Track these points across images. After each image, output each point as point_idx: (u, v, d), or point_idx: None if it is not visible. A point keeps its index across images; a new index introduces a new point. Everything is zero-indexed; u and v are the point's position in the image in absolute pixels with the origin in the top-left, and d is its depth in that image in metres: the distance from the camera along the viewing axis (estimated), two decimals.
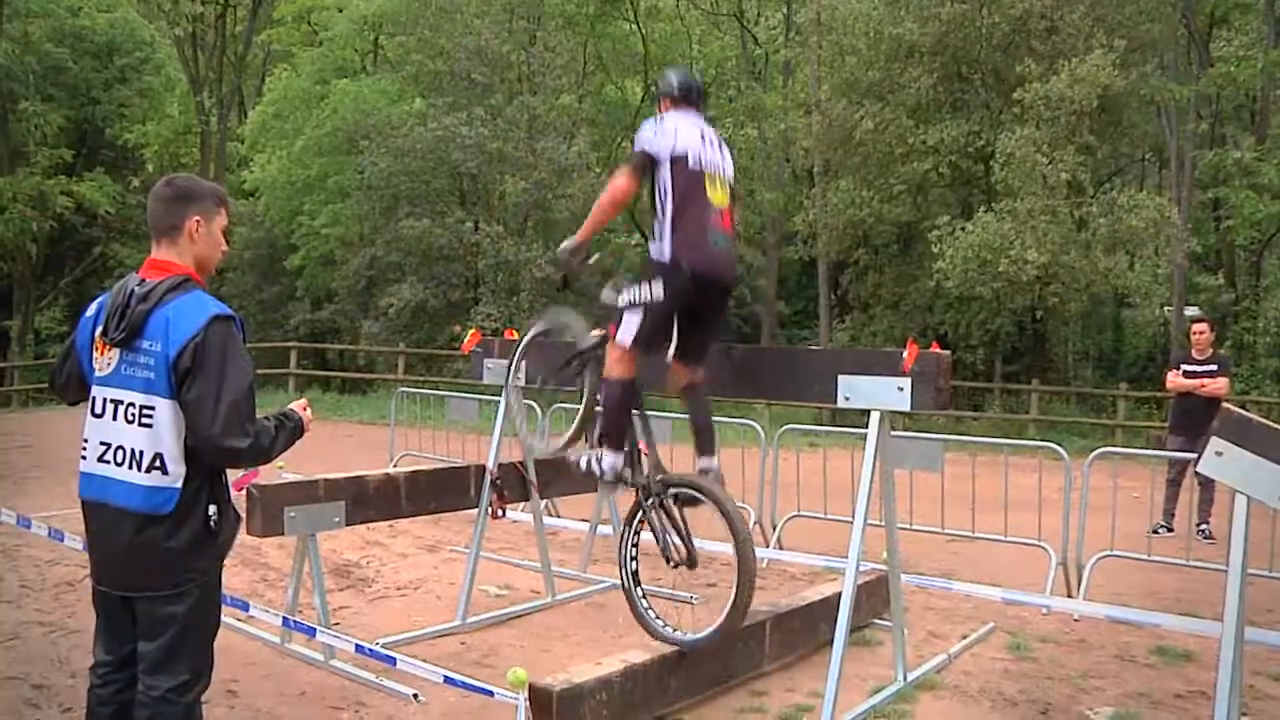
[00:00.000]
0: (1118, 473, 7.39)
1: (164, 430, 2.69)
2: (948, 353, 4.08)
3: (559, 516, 8.60)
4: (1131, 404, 18.84)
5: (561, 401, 10.19)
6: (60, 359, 3.00)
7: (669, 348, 4.00)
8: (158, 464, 2.69)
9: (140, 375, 2.71)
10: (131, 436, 2.71)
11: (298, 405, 2.99)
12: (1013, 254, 16.57)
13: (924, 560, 7.38)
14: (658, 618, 4.15)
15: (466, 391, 15.68)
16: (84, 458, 2.81)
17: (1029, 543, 6.86)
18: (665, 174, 3.87)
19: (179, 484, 2.70)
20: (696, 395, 4.16)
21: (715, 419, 4.27)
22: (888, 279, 21.34)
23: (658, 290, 3.88)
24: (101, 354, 2.79)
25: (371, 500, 4.87)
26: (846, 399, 4.07)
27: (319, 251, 24.90)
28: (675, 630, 4.11)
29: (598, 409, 4.09)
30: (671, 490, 4.10)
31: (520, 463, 5.65)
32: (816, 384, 4.21)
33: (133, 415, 2.71)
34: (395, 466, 10.35)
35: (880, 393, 4.01)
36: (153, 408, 2.69)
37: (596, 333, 4.36)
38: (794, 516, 7.87)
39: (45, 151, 25.63)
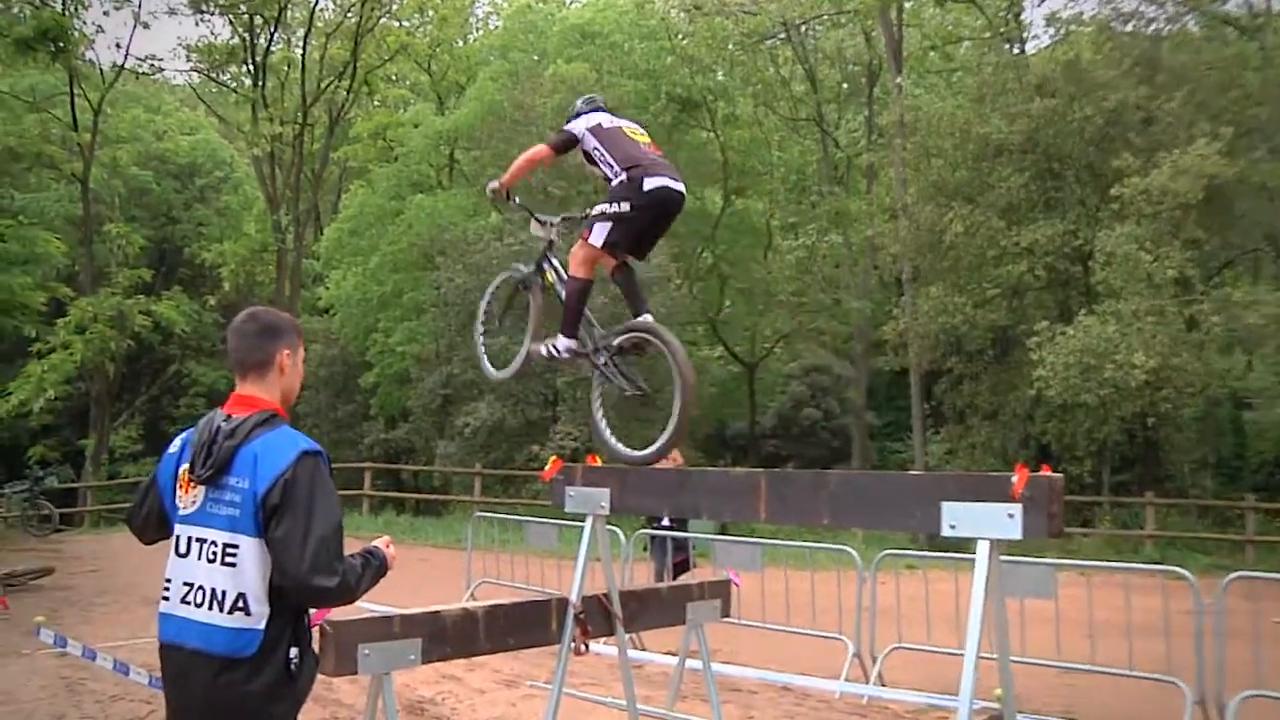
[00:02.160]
0: (1258, 596, 7.00)
1: (248, 569, 2.71)
2: (1060, 475, 3.96)
3: (644, 650, 8.45)
4: (1262, 516, 18.01)
5: (642, 526, 10.14)
6: (139, 498, 3.03)
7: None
8: (240, 604, 2.70)
9: (225, 513, 2.74)
10: (214, 576, 2.73)
11: (381, 542, 3.01)
12: (1119, 358, 16.19)
13: (1039, 696, 7.04)
14: (615, 440, 5.01)
15: (545, 513, 15.73)
16: (166, 598, 2.82)
17: (1158, 678, 6.51)
18: (591, 140, 4.79)
19: (262, 625, 2.70)
20: (630, 274, 5.06)
21: (806, 543, 4.60)
22: (984, 388, 20.99)
23: (623, 205, 4.65)
24: (186, 492, 2.82)
25: (449, 637, 4.81)
26: (952, 528, 3.96)
27: (394, 369, 25.45)
28: (626, 448, 4.93)
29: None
30: (617, 341, 4.90)
31: (605, 595, 5.57)
32: (918, 511, 4.11)
33: (214, 554, 2.73)
34: (473, 595, 10.34)
35: (988, 521, 3.90)
36: (237, 546, 2.72)
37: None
38: (896, 648, 7.61)
39: (126, 271, 26.85)
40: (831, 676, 7.53)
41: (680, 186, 4.76)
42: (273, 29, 28.10)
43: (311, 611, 2.97)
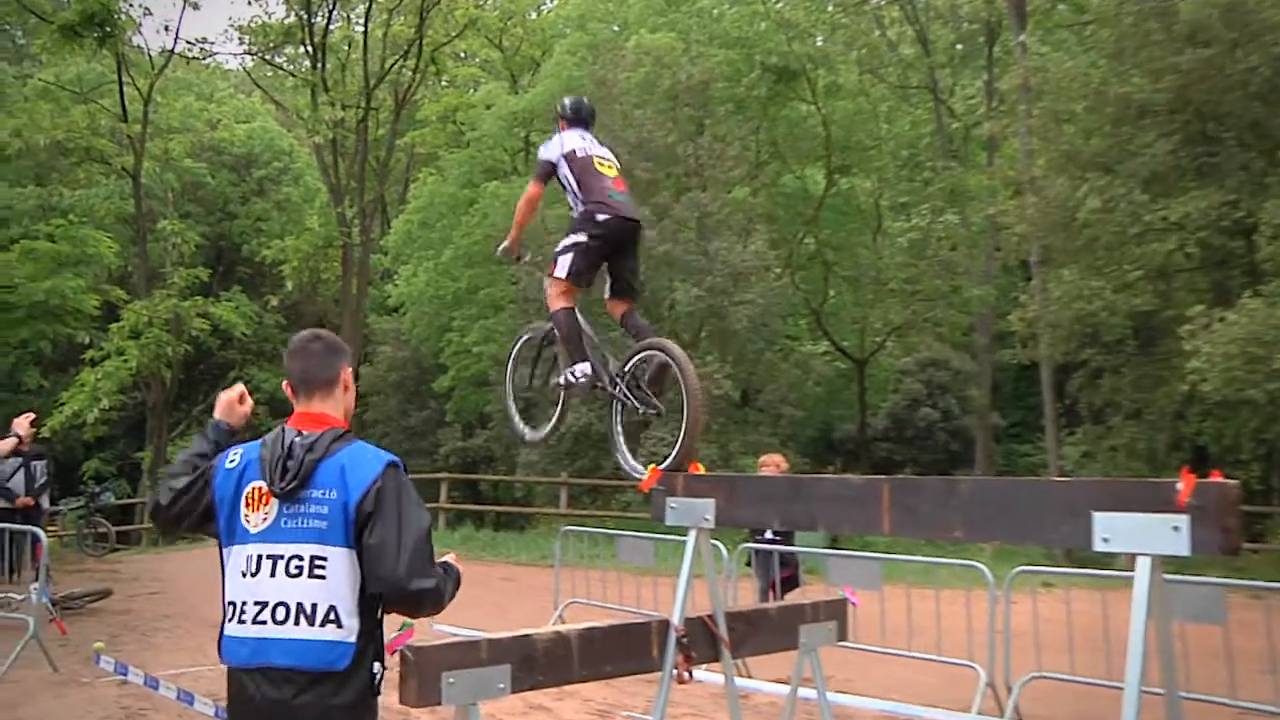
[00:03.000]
0: None
1: (338, 581, 2.94)
2: (1233, 483, 3.81)
3: (751, 678, 8.41)
4: None
5: (744, 540, 10.09)
6: (185, 485, 3.17)
7: (606, 287, 5.69)
8: (332, 617, 2.93)
9: (310, 526, 2.96)
10: (299, 591, 2.94)
11: (450, 558, 3.20)
12: None
13: None
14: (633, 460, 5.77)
15: (635, 526, 15.78)
16: (240, 620, 2.99)
17: None
18: (564, 168, 5.50)
19: (353, 638, 2.94)
20: (633, 314, 5.71)
21: (929, 558, 4.62)
22: (1126, 383, 20.42)
23: (580, 235, 5.40)
24: (255, 509, 3.02)
25: (540, 663, 4.83)
26: (1105, 541, 3.84)
27: (470, 371, 25.83)
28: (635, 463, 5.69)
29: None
30: (630, 364, 5.58)
31: (709, 616, 5.55)
32: (1065, 523, 3.99)
33: (299, 568, 2.94)
34: (561, 617, 10.41)
35: (1149, 534, 3.77)
36: (325, 558, 2.94)
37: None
38: (1035, 677, 7.44)
39: (181, 271, 27.68)
40: (961, 709, 7.39)
41: (634, 215, 5.57)
42: (331, 6, 28.72)
43: (392, 636, 3.21)
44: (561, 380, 5.86)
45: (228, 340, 29.62)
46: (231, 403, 3.50)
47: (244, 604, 2.98)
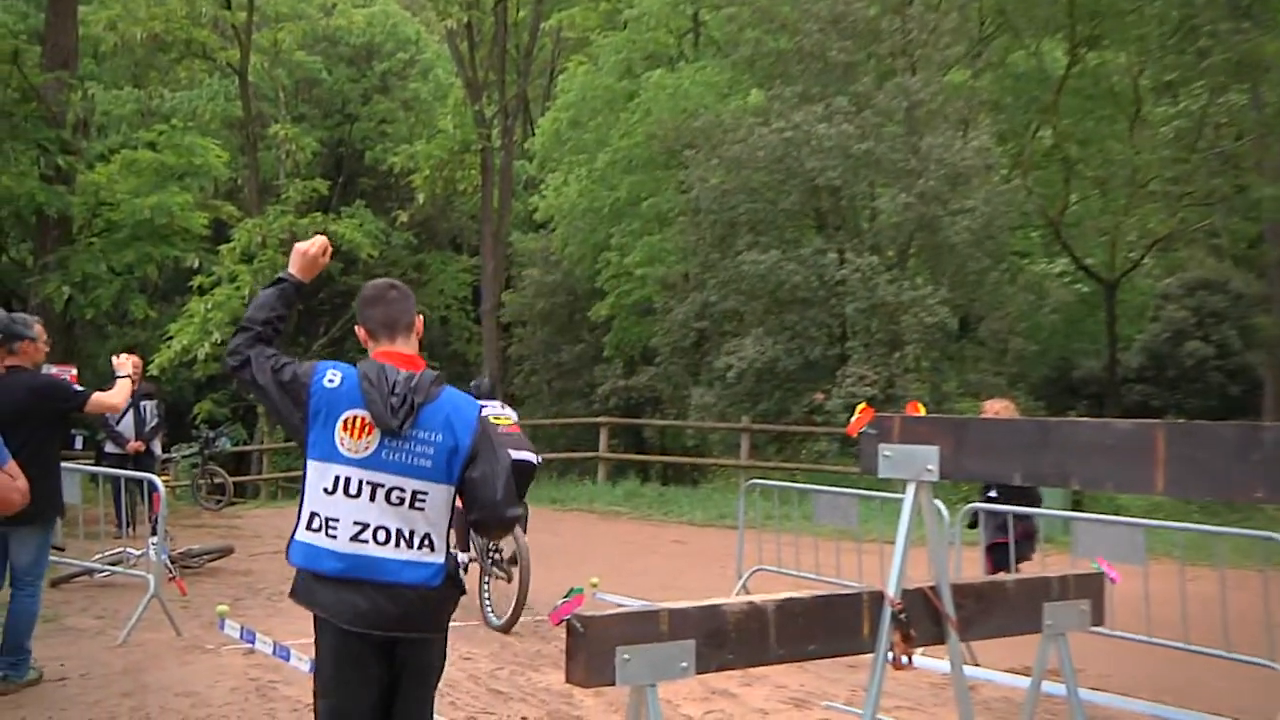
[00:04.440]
0: None
1: (435, 512, 4.08)
2: None
3: (978, 665, 8.33)
4: None
5: (965, 498, 9.93)
6: (274, 370, 4.17)
7: None
8: (427, 542, 4.06)
9: (415, 463, 4.03)
10: (400, 518, 4.02)
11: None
12: None
13: None
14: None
15: (827, 480, 15.71)
16: (330, 534, 4.00)
17: None
18: None
19: (442, 559, 4.09)
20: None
21: (1209, 526, 4.45)
22: None
23: None
24: (356, 436, 4.03)
25: (730, 639, 4.84)
26: None
27: (632, 298, 26.10)
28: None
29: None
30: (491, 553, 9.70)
31: (933, 588, 5.48)
32: None
33: (400, 498, 4.02)
34: (745, 586, 10.48)
35: None
36: (426, 493, 4.05)
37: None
38: None
39: (297, 183, 28.39)
40: None
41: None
42: None
43: (558, 603, 3.71)
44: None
45: (351, 263, 30.26)
46: (315, 257, 4.65)
47: (337, 520, 3.98)
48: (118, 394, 8.09)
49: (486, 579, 9.87)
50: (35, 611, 7.54)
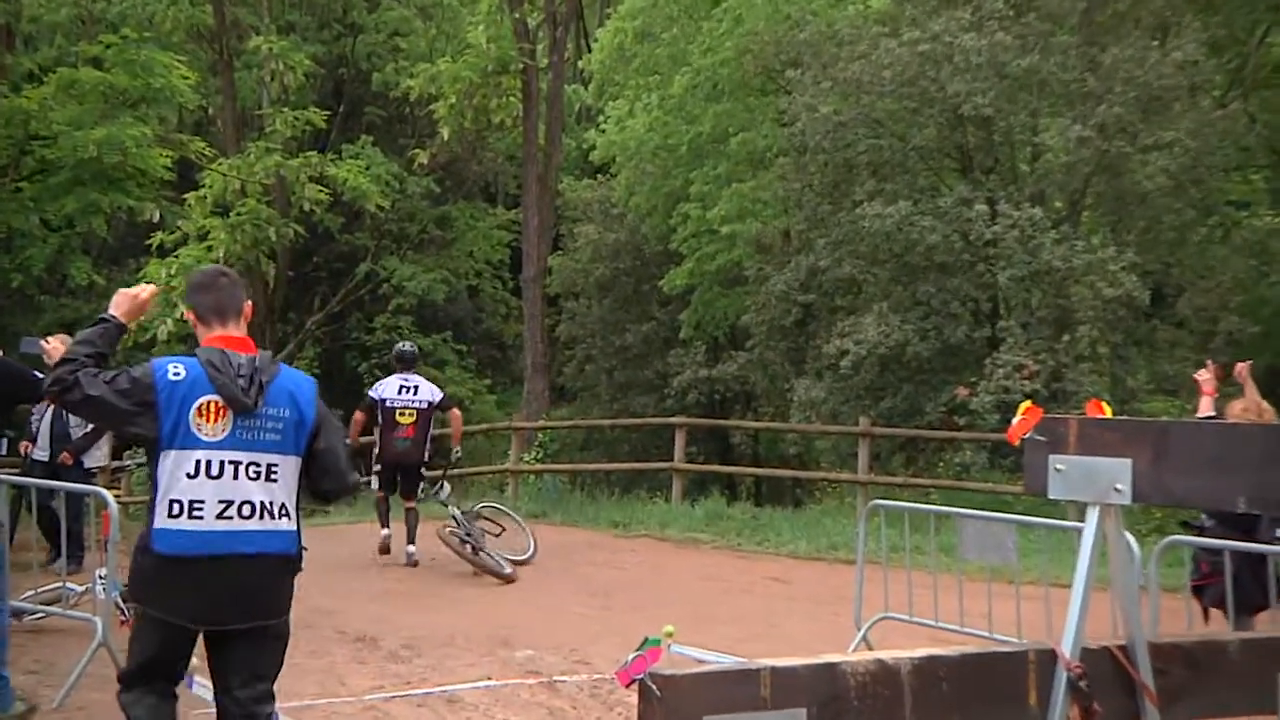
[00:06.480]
0: None
1: (286, 483, 5.56)
2: None
3: None
4: None
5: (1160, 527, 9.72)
6: (120, 392, 5.27)
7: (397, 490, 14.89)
8: (284, 512, 5.53)
9: (267, 438, 5.48)
10: (258, 491, 5.44)
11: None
12: None
13: None
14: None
15: (979, 502, 15.51)
16: (194, 516, 5.29)
17: None
18: (379, 411, 14.93)
19: (295, 527, 5.59)
20: (412, 511, 15.07)
21: None
22: None
23: (378, 467, 15.09)
24: (211, 421, 5.37)
25: (852, 708, 4.78)
26: None
27: (716, 263, 25.97)
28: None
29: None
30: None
31: (1123, 647, 5.37)
32: None
33: (257, 473, 5.45)
34: (866, 639, 10.38)
35: None
36: (277, 465, 5.51)
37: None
38: None
39: (285, 114, 28.09)
40: None
41: (409, 459, 15.01)
42: None
43: (628, 660, 3.77)
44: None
45: (355, 216, 30.32)
46: (145, 304, 5.81)
47: (202, 501, 5.29)
48: None
49: (475, 539, 14.59)
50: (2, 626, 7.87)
